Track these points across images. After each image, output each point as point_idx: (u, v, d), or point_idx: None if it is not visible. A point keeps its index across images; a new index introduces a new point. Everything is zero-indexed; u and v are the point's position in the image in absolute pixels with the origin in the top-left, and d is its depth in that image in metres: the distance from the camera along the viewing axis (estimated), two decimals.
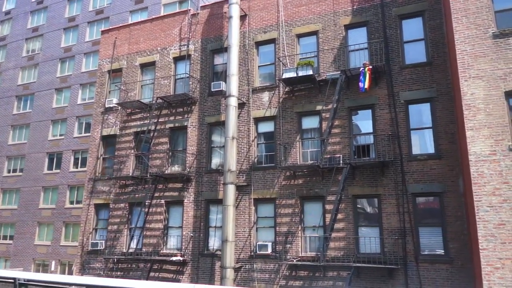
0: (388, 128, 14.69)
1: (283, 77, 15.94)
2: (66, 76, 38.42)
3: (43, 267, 33.13)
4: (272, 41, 17.82)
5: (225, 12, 19.02)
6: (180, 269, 16.84)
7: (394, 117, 14.68)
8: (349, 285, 13.43)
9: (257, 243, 15.60)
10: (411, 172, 14.01)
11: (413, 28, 15.38)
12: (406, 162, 14.16)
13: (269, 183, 16.15)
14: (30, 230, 35.37)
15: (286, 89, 16.73)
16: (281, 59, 17.10)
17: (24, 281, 7.63)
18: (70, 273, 29.25)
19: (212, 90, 18.12)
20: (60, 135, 36.95)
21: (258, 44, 18.15)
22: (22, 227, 35.93)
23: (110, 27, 23.64)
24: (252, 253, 15.69)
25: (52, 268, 32.26)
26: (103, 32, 23.27)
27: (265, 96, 17.21)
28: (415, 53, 15.08)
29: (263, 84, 17.56)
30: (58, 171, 35.71)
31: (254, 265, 15.50)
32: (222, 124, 17.72)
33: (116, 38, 22.19)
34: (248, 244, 15.85)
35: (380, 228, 14.10)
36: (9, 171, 39.13)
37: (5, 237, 37.14)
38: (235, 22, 17.42)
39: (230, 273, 14.60)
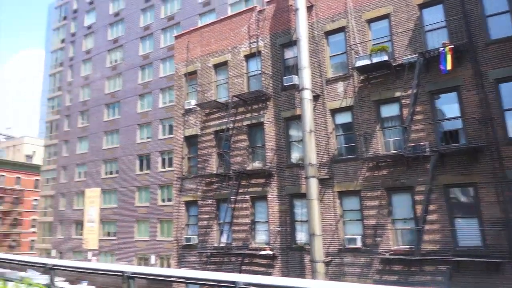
0: (478, 110, 13.61)
1: (357, 65, 15.50)
2: (147, 82, 40.88)
3: (144, 261, 36.02)
4: (341, 29, 17.35)
5: (291, 5, 18.83)
6: (270, 263, 17.34)
7: (483, 98, 13.57)
8: (449, 280, 12.79)
9: (345, 237, 15.50)
10: (510, 156, 12.86)
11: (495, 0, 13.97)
12: (503, 146, 13.02)
13: (352, 175, 15.90)
14: (130, 227, 38.56)
15: (361, 78, 16.25)
16: (352, 47, 16.60)
17: (131, 274, 8.43)
18: (169, 266, 31.43)
19: (285, 84, 18.14)
20: (147, 137, 39.55)
21: (328, 33, 17.78)
22: (123, 224, 39.28)
23: (182, 32, 24.57)
24: (341, 247, 15.62)
25: (152, 262, 34.94)
26: (176, 37, 24.30)
27: (340, 86, 16.87)
28: (500, 27, 13.67)
29: (336, 75, 17.21)
30: (148, 171, 38.36)
31: (344, 259, 15.42)
32: (298, 118, 17.72)
33: (188, 41, 23.02)
34: (336, 238, 15.82)
35: (479, 219, 13.19)
36: (106, 173, 42.84)
37: (109, 234, 40.93)
38: (302, 14, 17.21)
39: (320, 267, 14.74)
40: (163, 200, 36.64)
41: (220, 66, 21.48)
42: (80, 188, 44.81)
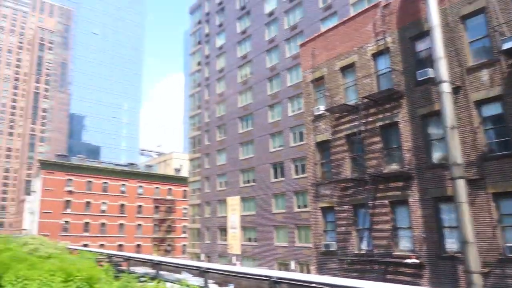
0: None
1: (504, 48, 13.76)
2: (275, 93, 42.32)
3: (284, 267, 36.92)
4: (480, 10, 15.50)
5: None
6: (418, 272, 16.14)
7: None
8: None
9: (506, 245, 13.53)
10: None
11: None
12: None
13: (509, 174, 13.92)
14: (269, 233, 40.01)
15: (510, 62, 14.24)
16: (496, 29, 14.68)
17: (277, 279, 8.66)
18: (309, 272, 31.67)
19: (419, 79, 16.95)
20: (279, 146, 40.78)
21: (464, 18, 16.07)
22: (262, 230, 40.97)
23: (307, 39, 24.85)
24: (501, 257, 13.69)
25: (292, 267, 35.61)
26: (301, 45, 24.69)
27: (484, 74, 15.05)
28: None
29: (479, 62, 15.39)
30: (282, 179, 39.43)
31: (507, 271, 13.45)
32: (437, 114, 16.32)
33: (313, 48, 23.14)
34: (494, 246, 13.93)
35: None
36: (244, 182, 45.34)
37: (249, 239, 43.06)
38: (433, 1, 15.95)
39: (477, 279, 13.18)
40: (299, 207, 37.20)
41: (347, 69, 21.08)
42: (222, 197, 48.26)
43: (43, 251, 15.71)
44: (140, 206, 75.27)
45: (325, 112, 21.36)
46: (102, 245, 64.22)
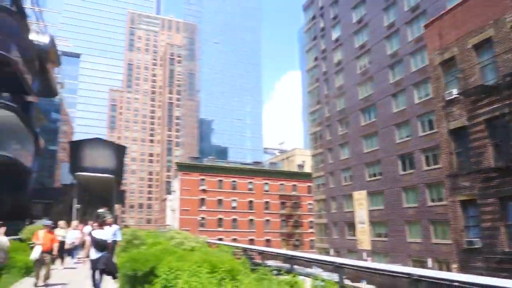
0: None
1: None
2: (398, 80, 40.02)
3: (420, 264, 34.61)
4: None
5: None
6: None
7: None
8: None
9: None
10: None
11: None
12: None
13: None
14: (400, 228, 37.98)
15: None
16: None
17: (419, 277, 8.10)
18: (449, 271, 29.17)
19: None
20: (406, 136, 38.44)
21: None
22: (393, 226, 39.08)
23: (431, 19, 23.05)
24: None
25: (429, 265, 33.21)
26: (425, 26, 23.06)
27: None
28: None
29: None
30: (412, 171, 37.08)
31: None
32: None
33: (440, 27, 21.35)
34: None
35: None
36: (370, 176, 43.81)
37: (379, 235, 41.43)
38: None
39: None
40: (432, 200, 34.56)
41: (482, 45, 18.93)
42: (347, 191, 47.35)
43: (187, 244, 17.05)
44: (267, 202, 78.11)
45: (458, 96, 19.48)
46: (234, 239, 68.21)
